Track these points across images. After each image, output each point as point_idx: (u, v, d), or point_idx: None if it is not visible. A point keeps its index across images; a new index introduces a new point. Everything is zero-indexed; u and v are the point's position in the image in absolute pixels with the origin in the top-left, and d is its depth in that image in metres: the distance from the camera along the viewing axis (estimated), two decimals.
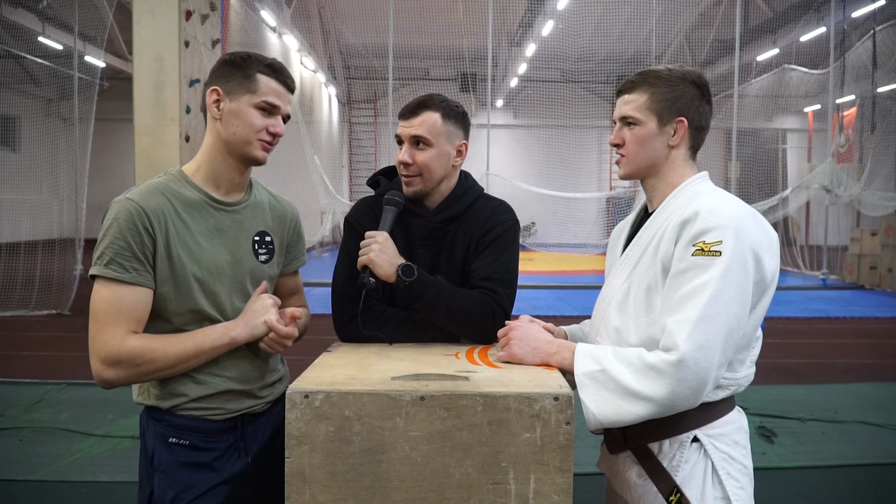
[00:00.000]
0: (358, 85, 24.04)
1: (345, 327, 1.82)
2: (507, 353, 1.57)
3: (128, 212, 1.53)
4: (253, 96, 1.62)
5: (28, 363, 6.25)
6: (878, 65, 12.77)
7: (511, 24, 18.50)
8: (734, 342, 1.45)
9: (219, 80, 1.64)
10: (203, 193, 1.65)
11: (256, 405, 1.73)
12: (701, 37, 19.47)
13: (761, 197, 14.26)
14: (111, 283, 1.52)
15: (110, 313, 1.51)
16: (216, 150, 1.66)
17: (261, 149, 1.65)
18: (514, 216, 1.92)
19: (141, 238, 1.53)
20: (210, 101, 1.64)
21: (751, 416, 4.70)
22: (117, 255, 1.52)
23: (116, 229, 1.52)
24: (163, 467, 1.63)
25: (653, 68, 1.64)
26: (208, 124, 1.66)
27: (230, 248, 1.67)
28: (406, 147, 1.83)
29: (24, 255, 9.94)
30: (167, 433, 1.63)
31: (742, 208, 1.51)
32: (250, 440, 1.72)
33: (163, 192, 1.60)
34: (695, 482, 1.51)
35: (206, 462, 1.64)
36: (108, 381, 1.52)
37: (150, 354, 1.53)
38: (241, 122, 1.62)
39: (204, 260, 1.61)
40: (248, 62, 1.64)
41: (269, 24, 14.00)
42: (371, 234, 1.77)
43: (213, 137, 1.66)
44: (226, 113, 1.62)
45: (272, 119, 1.65)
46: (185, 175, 1.66)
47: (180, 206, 1.61)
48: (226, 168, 1.67)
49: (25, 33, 13.65)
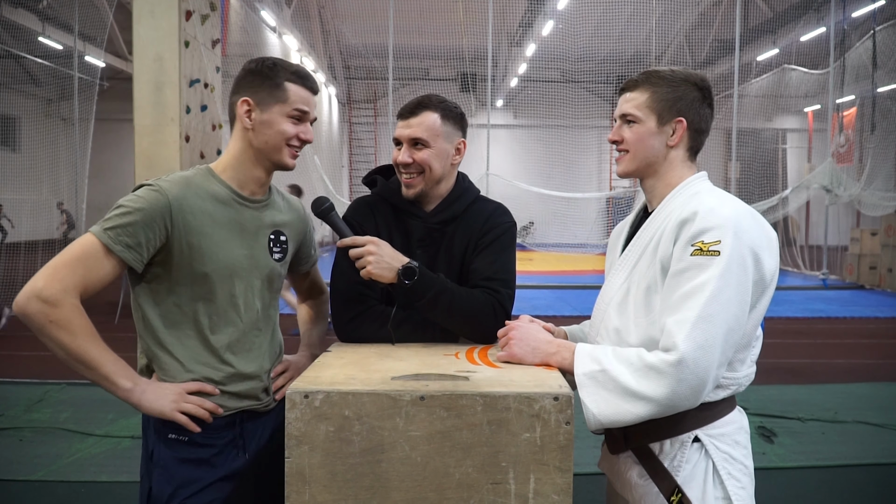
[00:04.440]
0: (358, 85, 24.04)
1: (344, 327, 1.81)
2: (507, 353, 1.57)
3: (155, 205, 1.55)
4: (284, 106, 1.65)
5: (28, 363, 6.26)
6: (878, 65, 12.77)
7: (511, 24, 18.51)
8: (734, 342, 1.45)
9: (247, 91, 1.66)
10: (229, 189, 1.68)
11: (257, 405, 1.74)
12: (701, 37, 19.48)
13: (761, 197, 14.28)
14: (99, 245, 1.52)
15: (77, 265, 1.50)
16: (246, 156, 1.69)
17: (290, 156, 1.70)
18: (511, 218, 1.94)
19: (155, 232, 1.56)
20: (241, 111, 1.66)
21: (751, 416, 4.70)
22: (122, 231, 1.53)
23: (139, 214, 1.54)
24: (162, 463, 1.63)
25: (657, 68, 1.64)
26: (237, 132, 1.69)
27: (248, 243, 1.70)
28: (405, 148, 1.83)
29: (24, 255, 9.94)
30: (167, 429, 1.63)
31: (741, 208, 1.51)
32: (249, 437, 1.72)
33: (196, 186, 1.64)
34: (696, 482, 1.51)
35: (204, 458, 1.64)
36: (24, 311, 1.48)
37: (68, 327, 1.49)
38: (274, 132, 1.66)
39: (221, 253, 1.64)
40: (275, 71, 1.66)
41: (269, 24, 14.00)
42: (359, 241, 1.73)
43: (242, 144, 1.69)
44: (257, 123, 1.66)
45: (302, 126, 1.69)
46: (213, 172, 1.69)
47: (206, 197, 1.64)
48: (254, 172, 1.70)
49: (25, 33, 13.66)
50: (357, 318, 1.79)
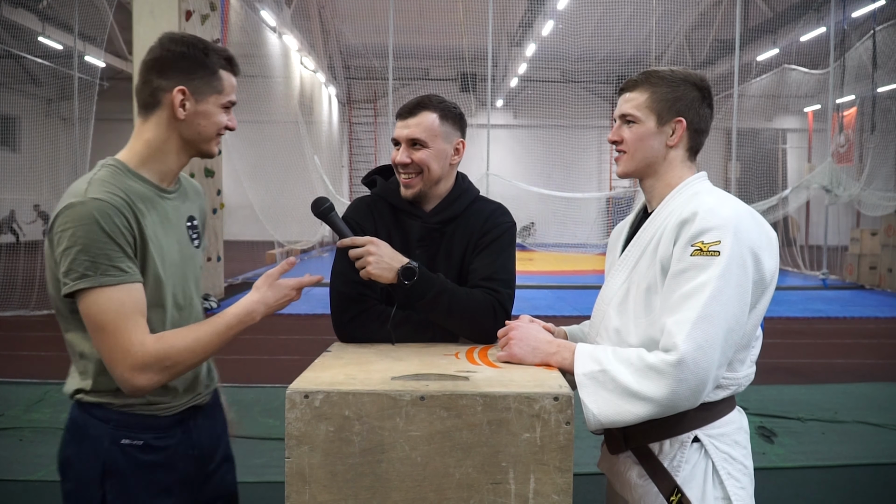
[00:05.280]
0: (358, 85, 24.04)
1: (344, 327, 1.81)
2: (507, 353, 1.57)
3: (103, 212, 1.42)
4: (220, 96, 1.57)
5: (28, 363, 6.25)
6: (878, 65, 12.77)
7: (511, 24, 18.51)
8: (734, 342, 1.45)
9: (180, 77, 1.53)
10: (150, 185, 1.56)
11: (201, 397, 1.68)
12: (701, 37, 19.48)
13: (761, 197, 14.27)
14: (109, 290, 1.42)
15: (120, 321, 1.42)
16: (170, 147, 1.57)
17: (217, 144, 1.62)
18: (511, 218, 1.93)
19: (124, 236, 1.45)
20: (175, 101, 1.52)
21: (751, 416, 4.69)
22: (111, 260, 1.42)
23: (99, 232, 1.41)
24: (117, 471, 1.52)
25: (656, 69, 1.64)
26: (160, 121, 1.54)
27: (177, 237, 1.62)
28: (403, 148, 1.83)
29: (24, 255, 9.94)
30: (119, 434, 1.53)
31: (740, 208, 1.51)
32: (197, 433, 1.66)
33: (120, 187, 1.48)
34: (695, 482, 1.51)
35: (160, 462, 1.57)
36: (141, 388, 1.45)
37: (175, 353, 1.46)
38: (209, 123, 1.57)
39: (164, 254, 1.56)
40: (210, 57, 1.55)
41: (269, 24, 14.00)
42: (359, 241, 1.73)
43: (166, 134, 1.56)
44: (191, 114, 1.54)
45: (230, 114, 1.62)
46: (128, 167, 1.54)
47: (137, 200, 1.51)
48: (177, 163, 1.60)
49: (25, 33, 13.66)
50: (357, 318, 1.79)
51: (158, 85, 1.53)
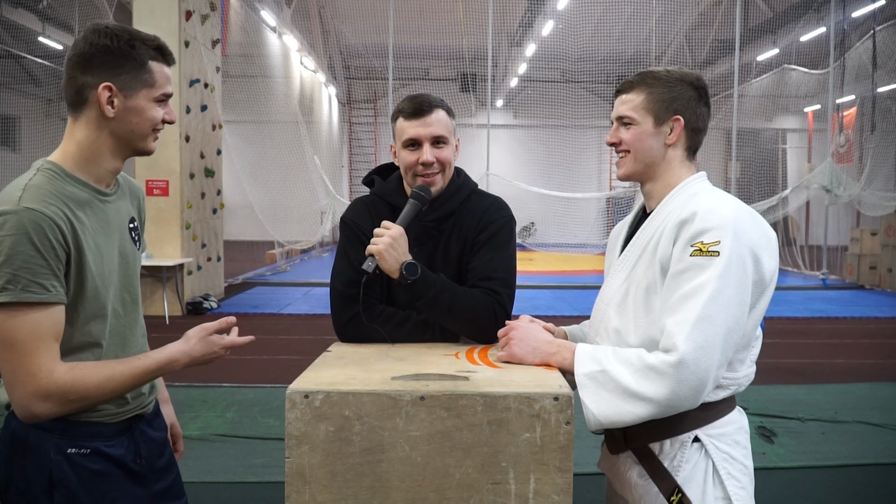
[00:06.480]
0: (358, 85, 24.02)
1: (344, 327, 1.81)
2: (507, 353, 1.57)
3: (36, 224, 1.34)
4: (151, 90, 1.48)
5: None
6: (878, 65, 12.77)
7: (511, 24, 18.49)
8: (734, 342, 1.45)
9: (105, 73, 1.44)
10: (88, 188, 1.49)
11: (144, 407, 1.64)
12: (701, 37, 19.47)
13: (761, 197, 14.28)
14: (27, 307, 1.34)
15: (31, 342, 1.34)
16: (103, 147, 1.48)
17: (153, 140, 1.54)
18: (508, 212, 1.91)
19: (56, 252, 1.36)
20: (102, 99, 1.44)
21: (751, 416, 4.69)
22: (35, 276, 1.34)
23: (27, 245, 1.33)
24: (65, 483, 1.45)
25: (651, 69, 1.64)
26: (90, 121, 1.47)
27: (118, 241, 1.55)
28: (428, 147, 1.81)
29: None
30: (64, 443, 1.46)
31: (740, 208, 1.51)
32: (143, 441, 1.62)
33: (57, 194, 1.41)
34: (696, 482, 1.51)
35: (108, 470, 1.52)
36: (37, 416, 1.37)
37: (83, 388, 1.38)
38: (142, 119, 1.48)
39: (104, 261, 1.49)
40: (136, 49, 1.46)
41: (269, 24, 14.00)
42: (387, 226, 1.74)
43: (97, 134, 1.47)
44: (121, 111, 1.46)
45: (167, 107, 1.53)
46: (64, 170, 1.46)
47: (75, 206, 1.43)
48: (112, 163, 1.52)
49: (25, 33, 13.64)
50: (357, 317, 1.79)
51: (84, 82, 1.44)
